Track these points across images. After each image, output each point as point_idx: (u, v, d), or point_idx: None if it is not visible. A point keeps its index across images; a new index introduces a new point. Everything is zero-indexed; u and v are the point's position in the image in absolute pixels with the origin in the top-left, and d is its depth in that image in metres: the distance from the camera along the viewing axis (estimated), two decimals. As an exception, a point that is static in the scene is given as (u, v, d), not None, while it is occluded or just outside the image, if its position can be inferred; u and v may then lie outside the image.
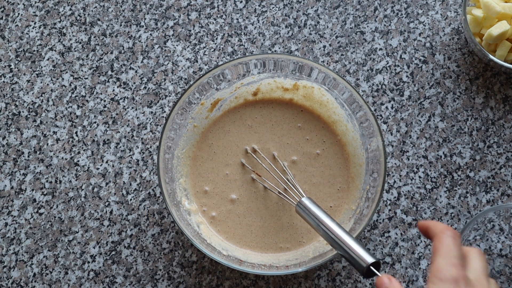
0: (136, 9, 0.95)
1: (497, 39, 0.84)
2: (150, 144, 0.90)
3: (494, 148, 0.90)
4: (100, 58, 0.93)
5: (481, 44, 0.86)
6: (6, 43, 0.94)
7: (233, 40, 0.94)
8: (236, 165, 0.87)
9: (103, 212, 0.88)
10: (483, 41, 0.86)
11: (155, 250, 0.87)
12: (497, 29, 0.83)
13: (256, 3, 0.95)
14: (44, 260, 0.87)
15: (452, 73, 0.92)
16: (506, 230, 0.87)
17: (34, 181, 0.89)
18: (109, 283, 0.86)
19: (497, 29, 0.83)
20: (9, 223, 0.88)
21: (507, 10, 0.84)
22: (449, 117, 0.91)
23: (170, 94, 0.92)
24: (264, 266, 0.81)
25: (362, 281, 0.86)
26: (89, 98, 0.92)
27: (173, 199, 0.82)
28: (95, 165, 0.90)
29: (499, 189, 0.88)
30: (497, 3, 0.84)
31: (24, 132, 0.91)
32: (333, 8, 0.95)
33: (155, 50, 0.93)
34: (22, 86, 0.93)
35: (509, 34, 0.85)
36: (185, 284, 0.86)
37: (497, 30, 0.83)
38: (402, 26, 0.94)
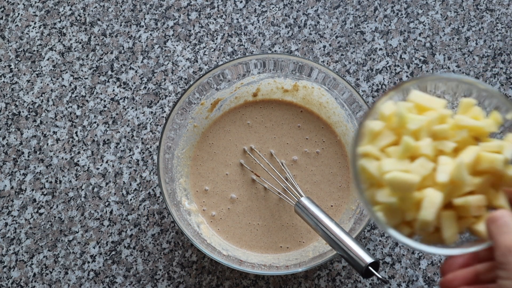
0: (136, 9, 0.95)
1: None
2: (150, 144, 0.90)
3: (494, 148, 0.90)
4: (100, 58, 0.93)
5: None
6: (6, 43, 0.94)
7: (233, 40, 0.94)
8: (236, 165, 0.87)
9: (103, 212, 0.88)
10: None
11: (155, 250, 0.87)
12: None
13: (256, 3, 0.95)
14: (44, 260, 0.87)
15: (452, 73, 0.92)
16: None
17: (34, 181, 0.89)
18: (109, 283, 0.87)
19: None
20: (9, 223, 0.88)
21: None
22: (449, 117, 0.91)
23: (170, 94, 0.92)
24: (264, 266, 0.81)
25: (362, 281, 0.86)
26: (89, 98, 0.92)
27: (173, 199, 0.82)
28: (95, 165, 0.90)
29: (499, 189, 0.88)
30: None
31: (24, 132, 0.91)
32: (333, 8, 0.95)
33: (155, 50, 0.93)
34: (22, 86, 0.93)
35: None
36: (185, 284, 0.86)
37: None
38: (402, 26, 0.94)
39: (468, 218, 0.53)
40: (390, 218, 0.54)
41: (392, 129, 0.55)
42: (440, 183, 0.51)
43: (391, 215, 0.54)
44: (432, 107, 0.54)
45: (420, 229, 0.53)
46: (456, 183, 0.52)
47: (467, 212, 0.52)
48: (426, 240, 0.54)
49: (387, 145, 0.55)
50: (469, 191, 0.52)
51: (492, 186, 0.53)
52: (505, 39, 0.93)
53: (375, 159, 0.55)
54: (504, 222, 0.48)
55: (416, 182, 0.51)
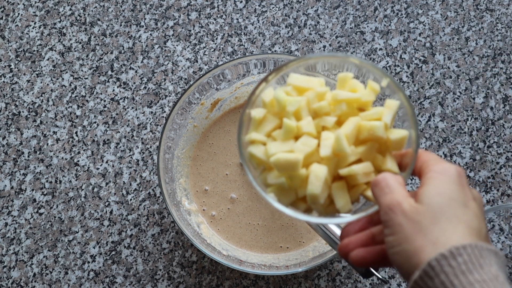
0: (136, 9, 0.95)
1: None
2: (150, 144, 0.90)
3: (494, 148, 0.90)
4: (100, 58, 0.93)
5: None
6: (6, 43, 0.94)
7: (233, 40, 0.94)
8: (236, 165, 0.87)
9: (103, 212, 0.88)
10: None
11: (155, 250, 0.87)
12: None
13: (256, 3, 0.95)
14: (44, 260, 0.87)
15: (452, 73, 0.92)
16: (506, 230, 0.87)
17: (34, 181, 0.89)
18: (109, 283, 0.87)
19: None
20: (9, 223, 0.88)
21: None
22: (449, 117, 0.91)
23: (170, 94, 0.92)
24: (264, 266, 0.81)
25: (362, 281, 0.86)
26: (89, 98, 0.92)
27: (173, 199, 0.82)
28: (95, 165, 0.90)
29: (499, 189, 0.88)
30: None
31: (24, 132, 0.91)
32: (333, 8, 0.95)
33: (155, 50, 0.93)
34: (22, 86, 0.93)
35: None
36: (185, 284, 0.86)
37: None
38: (402, 26, 0.94)
39: (360, 186, 0.55)
40: (285, 197, 0.56)
41: (274, 114, 0.57)
42: (324, 157, 0.53)
43: (285, 194, 0.56)
44: (310, 86, 0.56)
45: (312, 203, 0.55)
46: (340, 155, 0.54)
47: (356, 180, 0.54)
48: (324, 213, 0.56)
49: (272, 129, 0.57)
50: (356, 160, 0.54)
51: (379, 151, 0.55)
52: (505, 39, 0.93)
53: (262, 144, 0.56)
54: (385, 184, 0.51)
55: (299, 160, 0.53)
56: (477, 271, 0.44)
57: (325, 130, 0.55)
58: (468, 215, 0.47)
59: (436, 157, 0.53)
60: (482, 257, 0.45)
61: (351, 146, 0.54)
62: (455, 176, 0.50)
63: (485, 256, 0.45)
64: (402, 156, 0.56)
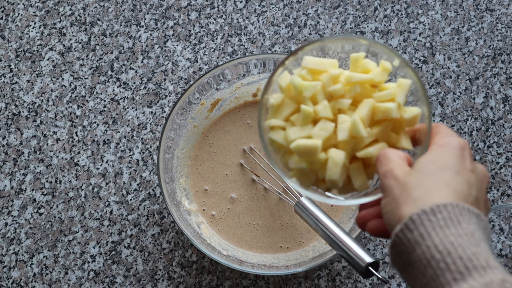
0: (136, 9, 0.95)
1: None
2: (150, 144, 0.90)
3: (494, 148, 0.90)
4: (100, 58, 0.93)
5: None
6: (6, 43, 0.94)
7: (233, 40, 0.94)
8: (236, 165, 0.87)
9: (103, 212, 0.88)
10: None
11: (155, 250, 0.87)
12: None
13: (256, 3, 0.95)
14: (44, 260, 0.87)
15: (452, 73, 0.92)
16: (506, 230, 0.87)
17: (34, 181, 0.89)
18: (109, 283, 0.86)
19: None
20: (9, 223, 0.88)
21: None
22: (449, 117, 0.91)
23: (170, 94, 0.92)
24: (264, 266, 0.81)
25: (362, 281, 0.86)
26: (89, 98, 0.92)
27: (173, 199, 0.82)
28: (95, 165, 0.90)
29: (499, 189, 0.88)
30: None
31: (24, 132, 0.91)
32: (333, 8, 0.95)
33: (155, 50, 0.93)
34: (22, 86, 0.93)
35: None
36: (185, 284, 0.86)
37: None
38: (402, 26, 0.94)
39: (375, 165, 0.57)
40: (306, 180, 0.58)
41: (292, 98, 0.58)
42: (342, 140, 0.55)
43: (306, 177, 0.58)
44: (324, 69, 0.57)
45: (331, 186, 0.57)
46: (356, 138, 0.55)
47: (372, 160, 0.56)
48: (343, 191, 0.58)
49: (290, 114, 0.58)
50: (372, 141, 0.56)
51: (393, 130, 0.57)
52: (505, 39, 0.93)
53: (281, 129, 0.58)
54: (383, 157, 0.53)
55: (318, 146, 0.55)
56: (454, 227, 0.46)
57: (341, 112, 0.56)
58: (458, 181, 0.49)
59: (446, 130, 0.54)
60: (462, 216, 0.47)
61: (366, 128, 0.55)
62: (456, 149, 0.51)
63: (465, 215, 0.47)
64: (415, 131, 0.58)
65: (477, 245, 0.45)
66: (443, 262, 0.45)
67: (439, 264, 0.45)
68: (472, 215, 0.47)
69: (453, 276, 0.44)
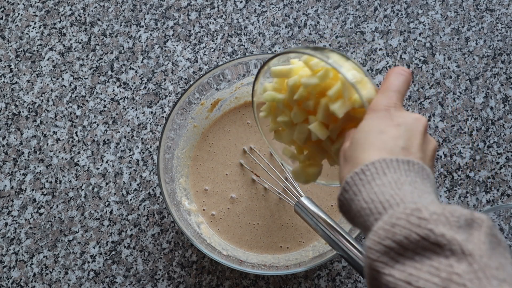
0: (136, 9, 0.95)
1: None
2: (150, 144, 0.90)
3: (494, 148, 0.90)
4: (100, 58, 0.93)
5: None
6: (6, 43, 0.94)
7: (233, 40, 0.94)
8: (236, 165, 0.87)
9: (103, 212, 0.88)
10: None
11: (155, 250, 0.87)
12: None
13: (256, 3, 0.95)
14: (44, 260, 0.87)
15: (452, 73, 0.92)
16: (506, 230, 0.87)
17: (34, 181, 0.89)
18: (109, 283, 0.86)
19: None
20: (9, 223, 0.88)
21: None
22: (449, 117, 0.91)
23: (170, 94, 0.92)
24: (264, 266, 0.81)
25: (362, 281, 0.86)
26: (89, 98, 0.92)
27: (173, 199, 0.82)
28: (95, 165, 0.90)
29: (499, 189, 0.88)
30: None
31: (24, 132, 0.91)
32: (333, 8, 0.95)
33: (155, 50, 0.93)
34: (22, 86, 0.93)
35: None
36: (185, 284, 0.86)
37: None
38: (402, 26, 0.94)
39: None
40: (285, 137, 0.68)
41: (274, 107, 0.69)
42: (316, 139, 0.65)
43: (284, 136, 0.68)
44: (289, 76, 0.65)
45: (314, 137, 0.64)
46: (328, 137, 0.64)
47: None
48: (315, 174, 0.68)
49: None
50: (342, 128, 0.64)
51: (354, 113, 0.63)
52: (505, 39, 0.93)
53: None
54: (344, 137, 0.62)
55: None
56: (380, 178, 0.52)
57: (310, 113, 0.64)
58: (382, 139, 0.55)
59: (376, 99, 0.59)
60: (388, 168, 0.52)
61: (331, 126, 0.63)
62: (379, 111, 0.57)
63: (391, 166, 0.52)
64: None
65: (398, 188, 0.51)
66: (368, 209, 0.51)
67: (365, 211, 0.51)
68: (401, 163, 0.52)
69: (374, 218, 0.50)
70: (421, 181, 0.52)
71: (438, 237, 0.46)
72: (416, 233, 0.47)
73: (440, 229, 0.47)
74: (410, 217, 0.48)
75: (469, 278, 0.44)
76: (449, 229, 0.47)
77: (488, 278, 0.44)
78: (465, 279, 0.44)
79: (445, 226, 0.47)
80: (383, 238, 0.48)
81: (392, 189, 0.51)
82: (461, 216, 0.48)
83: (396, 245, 0.47)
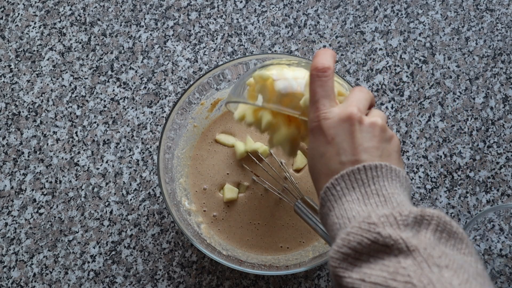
0: (136, 9, 0.95)
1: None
2: (150, 144, 0.90)
3: (494, 148, 0.90)
4: (100, 58, 0.93)
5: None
6: (6, 43, 0.94)
7: (233, 40, 0.94)
8: (236, 166, 0.87)
9: (103, 212, 0.88)
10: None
11: (155, 250, 0.87)
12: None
13: (256, 3, 0.95)
14: (44, 260, 0.87)
15: (452, 73, 0.92)
16: (506, 230, 0.87)
17: (34, 181, 0.89)
18: (109, 283, 0.86)
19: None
20: (9, 223, 0.88)
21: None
22: (449, 117, 0.91)
23: (170, 94, 0.92)
24: (264, 266, 0.81)
25: (362, 281, 0.86)
26: (89, 98, 0.92)
27: (173, 199, 0.82)
28: (95, 165, 0.90)
29: (499, 189, 0.88)
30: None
31: (24, 132, 0.91)
32: (333, 8, 0.95)
33: (155, 50, 0.93)
34: (22, 86, 0.93)
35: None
36: (185, 284, 0.86)
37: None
38: (402, 26, 0.94)
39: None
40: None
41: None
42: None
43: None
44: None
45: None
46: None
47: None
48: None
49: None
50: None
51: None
52: (505, 39, 0.93)
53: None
54: None
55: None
56: (349, 194, 0.56)
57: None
58: (325, 164, 0.58)
59: (309, 111, 0.61)
60: (351, 182, 0.56)
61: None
62: (314, 130, 0.59)
63: (352, 180, 0.56)
64: None
65: (364, 205, 0.55)
66: (337, 224, 0.55)
67: (336, 226, 0.56)
68: (351, 175, 0.56)
69: (342, 231, 0.54)
70: (383, 183, 0.56)
71: (385, 238, 0.50)
72: (367, 238, 0.51)
73: (387, 230, 0.51)
74: (362, 224, 0.52)
75: (413, 269, 0.48)
76: (396, 229, 0.51)
77: (430, 266, 0.48)
78: (410, 270, 0.48)
79: (392, 227, 0.51)
80: (341, 246, 0.52)
81: (359, 206, 0.55)
82: (409, 214, 0.52)
83: (352, 251, 0.52)
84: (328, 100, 0.60)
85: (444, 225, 0.52)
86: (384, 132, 0.59)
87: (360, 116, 0.59)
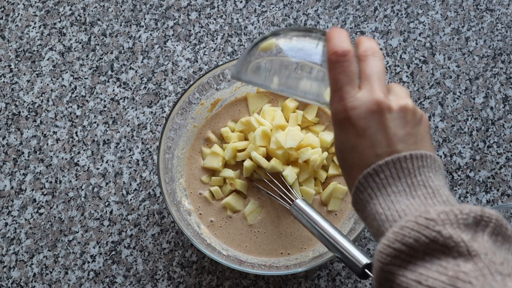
0: (136, 9, 0.95)
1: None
2: (150, 144, 0.90)
3: (494, 148, 0.90)
4: (100, 58, 0.93)
5: None
6: (6, 43, 0.94)
7: (233, 40, 0.94)
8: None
9: (103, 212, 0.88)
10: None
11: (155, 250, 0.87)
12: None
13: (256, 3, 0.95)
14: (44, 260, 0.87)
15: (452, 73, 0.92)
16: (506, 230, 0.87)
17: (34, 181, 0.89)
18: (109, 283, 0.87)
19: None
20: (9, 223, 0.88)
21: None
22: (449, 117, 0.91)
23: (170, 94, 0.92)
24: (264, 266, 0.81)
25: (362, 281, 0.86)
26: (89, 98, 0.92)
27: (173, 199, 0.82)
28: (95, 165, 0.90)
29: (499, 189, 0.88)
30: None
31: (24, 132, 0.91)
32: (333, 8, 0.95)
33: (155, 50, 0.93)
34: (22, 86, 0.93)
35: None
36: (185, 284, 0.86)
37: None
38: (402, 26, 0.94)
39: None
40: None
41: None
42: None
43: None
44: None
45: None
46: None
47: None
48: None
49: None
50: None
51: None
52: (505, 39, 0.93)
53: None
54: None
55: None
56: (395, 184, 0.53)
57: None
58: (358, 158, 0.55)
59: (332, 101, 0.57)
60: (397, 171, 0.53)
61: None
62: (342, 123, 0.56)
63: (398, 169, 0.53)
64: None
65: (412, 197, 0.52)
66: (383, 215, 0.52)
67: (381, 216, 0.53)
68: (397, 161, 0.53)
69: (389, 224, 0.51)
70: (429, 174, 0.53)
71: (446, 239, 0.47)
72: (425, 236, 0.48)
73: (448, 230, 0.48)
74: (419, 219, 0.49)
75: (475, 275, 0.45)
76: (457, 229, 0.48)
77: (493, 274, 0.45)
78: (471, 276, 0.45)
79: (452, 226, 0.48)
80: (393, 242, 0.49)
81: (407, 199, 0.52)
82: (470, 213, 0.49)
83: (406, 247, 0.49)
84: (351, 86, 0.55)
85: (500, 228, 0.49)
86: (414, 114, 0.56)
87: (388, 103, 0.55)
